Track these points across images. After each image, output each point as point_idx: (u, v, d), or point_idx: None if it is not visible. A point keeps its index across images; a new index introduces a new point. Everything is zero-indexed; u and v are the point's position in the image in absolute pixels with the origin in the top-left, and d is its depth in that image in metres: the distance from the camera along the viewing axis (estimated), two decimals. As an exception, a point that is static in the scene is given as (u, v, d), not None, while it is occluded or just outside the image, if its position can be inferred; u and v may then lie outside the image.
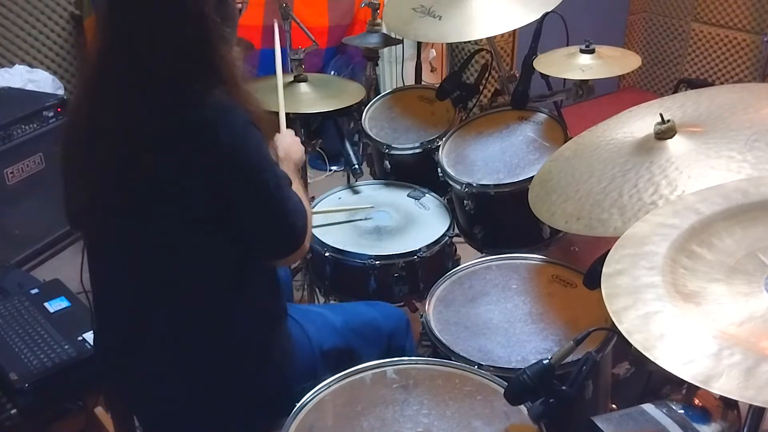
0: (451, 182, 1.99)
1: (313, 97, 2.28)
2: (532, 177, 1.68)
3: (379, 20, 2.58)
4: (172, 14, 1.22)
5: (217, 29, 1.26)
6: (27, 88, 3.20)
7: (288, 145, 1.64)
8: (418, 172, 2.18)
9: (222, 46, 1.27)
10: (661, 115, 1.39)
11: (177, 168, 1.24)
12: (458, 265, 1.83)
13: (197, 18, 1.22)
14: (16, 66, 3.34)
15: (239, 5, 1.46)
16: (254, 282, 1.37)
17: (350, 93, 2.32)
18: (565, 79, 2.02)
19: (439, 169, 2.04)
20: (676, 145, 1.37)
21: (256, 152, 1.28)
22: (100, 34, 1.31)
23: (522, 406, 1.24)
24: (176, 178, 1.24)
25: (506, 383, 1.24)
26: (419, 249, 1.86)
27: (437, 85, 2.28)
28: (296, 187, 1.41)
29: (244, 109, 1.27)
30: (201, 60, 1.24)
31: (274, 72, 1.99)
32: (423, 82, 2.84)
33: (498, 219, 1.99)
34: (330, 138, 2.43)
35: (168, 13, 1.22)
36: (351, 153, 2.26)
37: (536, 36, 2.04)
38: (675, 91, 3.78)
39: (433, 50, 3.90)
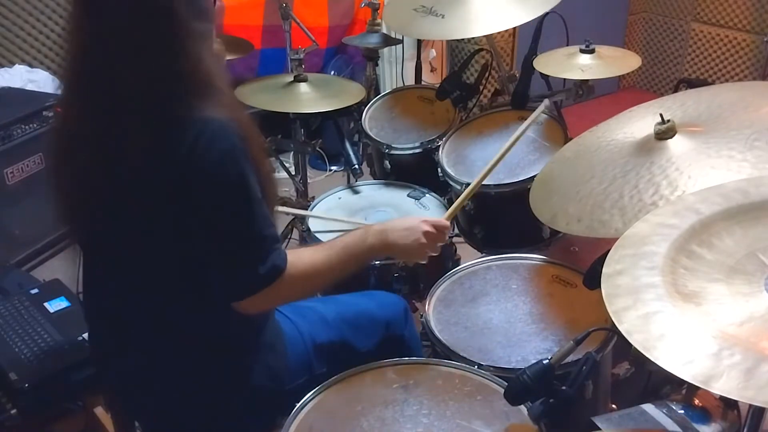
0: (451, 182, 1.99)
1: (313, 97, 2.28)
2: (533, 177, 1.68)
3: (379, 20, 2.59)
4: (137, 14, 1.15)
5: (189, 26, 1.17)
6: (27, 88, 3.20)
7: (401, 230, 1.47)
8: (418, 172, 2.17)
9: (195, 44, 1.18)
10: (661, 115, 1.39)
11: (149, 182, 1.19)
12: (458, 265, 1.82)
13: (164, 15, 1.15)
14: (16, 66, 3.33)
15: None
16: None
17: (350, 93, 2.32)
18: (565, 79, 2.03)
19: (439, 169, 2.04)
20: (676, 145, 1.37)
21: (230, 182, 1.20)
22: (72, 39, 1.24)
23: (522, 406, 1.23)
24: (148, 191, 1.20)
25: (506, 383, 1.24)
26: (419, 249, 1.85)
27: (437, 85, 2.28)
28: (325, 253, 1.35)
29: (230, 126, 1.19)
30: (172, 62, 1.16)
31: (274, 72, 1.98)
32: (423, 82, 2.85)
33: (498, 219, 1.99)
34: (330, 138, 2.43)
35: (134, 12, 1.16)
36: (351, 153, 2.26)
37: (536, 36, 2.04)
38: (675, 91, 3.77)
39: (433, 50, 3.90)
